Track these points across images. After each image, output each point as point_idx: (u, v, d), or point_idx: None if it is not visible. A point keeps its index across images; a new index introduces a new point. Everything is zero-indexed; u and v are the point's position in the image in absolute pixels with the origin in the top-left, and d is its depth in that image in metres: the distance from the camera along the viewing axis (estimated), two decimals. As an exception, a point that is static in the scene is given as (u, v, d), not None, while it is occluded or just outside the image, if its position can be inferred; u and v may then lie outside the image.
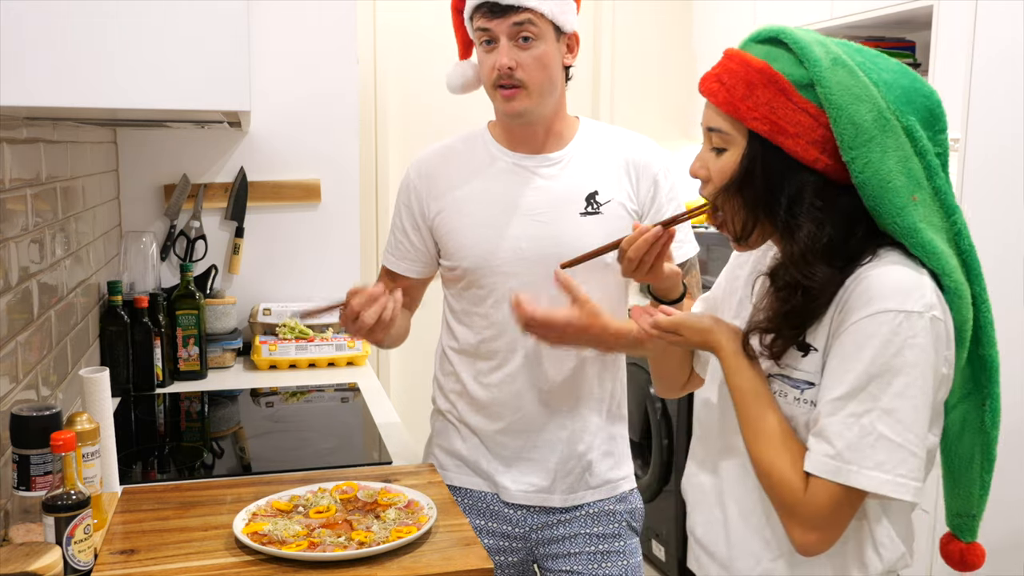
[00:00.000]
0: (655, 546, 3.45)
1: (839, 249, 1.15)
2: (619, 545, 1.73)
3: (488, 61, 1.60)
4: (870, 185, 1.12)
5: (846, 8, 2.96)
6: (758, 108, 1.14)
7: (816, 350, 1.16)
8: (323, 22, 2.69)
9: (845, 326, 1.12)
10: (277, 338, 2.56)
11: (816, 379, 1.16)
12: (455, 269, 1.70)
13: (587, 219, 1.64)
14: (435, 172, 1.72)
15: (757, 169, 1.16)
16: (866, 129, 1.11)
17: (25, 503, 1.29)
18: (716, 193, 1.21)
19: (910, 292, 1.10)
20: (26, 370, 1.57)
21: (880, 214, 1.13)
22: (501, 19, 1.56)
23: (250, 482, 1.61)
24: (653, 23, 3.96)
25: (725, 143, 1.19)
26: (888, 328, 1.08)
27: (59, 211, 1.85)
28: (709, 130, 1.21)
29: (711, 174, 1.21)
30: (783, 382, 1.19)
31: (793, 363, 1.18)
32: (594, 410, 1.72)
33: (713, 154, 1.21)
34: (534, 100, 1.61)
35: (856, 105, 1.11)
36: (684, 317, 1.27)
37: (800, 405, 1.17)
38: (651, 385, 3.37)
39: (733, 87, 1.17)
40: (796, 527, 1.13)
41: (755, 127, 1.15)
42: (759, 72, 1.15)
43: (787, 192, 1.15)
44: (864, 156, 1.11)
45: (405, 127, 3.74)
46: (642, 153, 1.70)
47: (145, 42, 1.16)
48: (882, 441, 1.08)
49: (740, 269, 1.38)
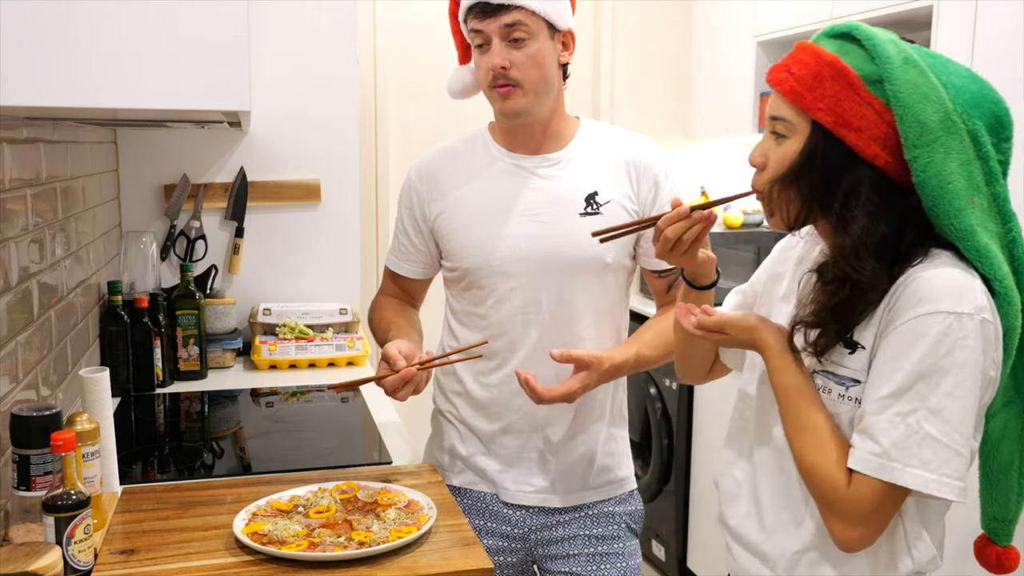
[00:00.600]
0: (655, 546, 3.45)
1: (891, 247, 1.16)
2: (618, 547, 1.73)
3: (483, 63, 1.61)
4: (930, 185, 1.13)
5: (846, 8, 2.96)
6: (824, 99, 1.16)
7: (863, 348, 1.17)
8: (323, 22, 2.69)
9: (895, 325, 1.13)
10: (277, 338, 2.56)
11: (862, 377, 1.17)
12: (455, 270, 1.70)
13: (587, 219, 1.64)
14: (436, 173, 1.72)
15: (817, 159, 1.17)
16: (931, 129, 1.12)
17: (25, 503, 1.29)
18: (772, 181, 1.22)
19: (962, 294, 1.11)
20: (26, 370, 1.57)
21: (937, 215, 1.14)
22: (492, 19, 1.56)
23: (250, 482, 1.61)
24: (653, 23, 3.96)
25: (787, 131, 1.20)
26: (939, 328, 1.09)
27: (59, 211, 1.85)
28: (773, 119, 1.22)
29: (769, 162, 1.22)
30: (827, 378, 1.20)
31: (839, 360, 1.19)
32: (595, 411, 1.72)
33: (774, 143, 1.22)
34: (530, 98, 1.60)
35: (923, 104, 1.12)
36: (729, 316, 1.28)
37: (845, 402, 1.18)
38: (651, 385, 3.38)
39: (802, 77, 1.18)
40: (838, 523, 1.14)
41: (819, 117, 1.16)
42: (829, 64, 1.16)
43: (844, 185, 1.16)
44: (927, 156, 1.12)
45: (405, 127, 3.74)
46: (643, 154, 1.69)
47: (145, 42, 1.16)
48: (928, 440, 1.09)
49: (782, 265, 1.39)
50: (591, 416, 1.72)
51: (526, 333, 1.66)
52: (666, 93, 4.03)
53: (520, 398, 1.67)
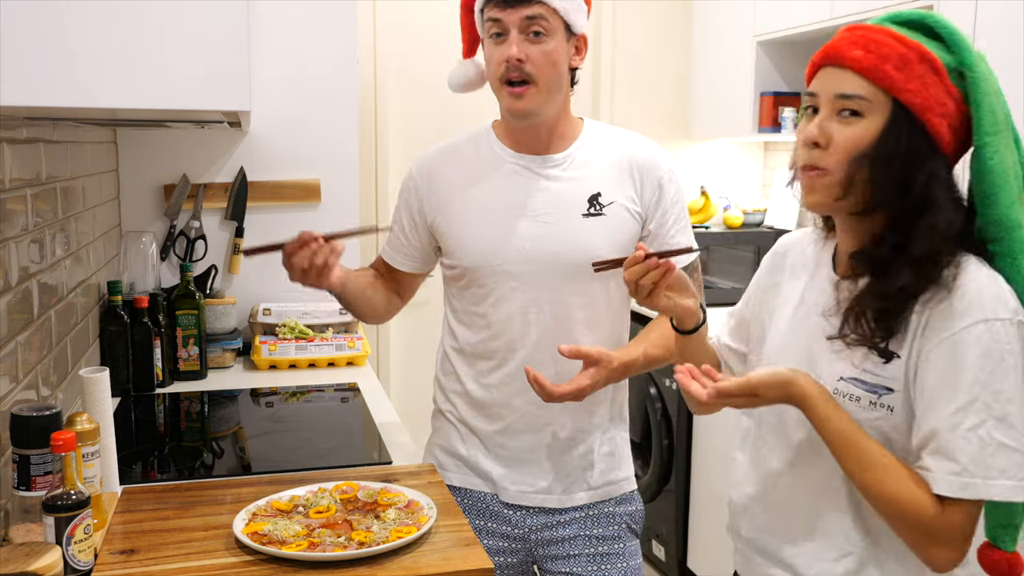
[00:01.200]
0: (655, 546, 3.45)
1: (961, 232, 1.16)
2: (619, 547, 1.73)
3: (497, 54, 1.59)
4: (995, 173, 1.14)
5: (846, 8, 2.96)
6: (912, 81, 1.14)
7: (899, 357, 1.16)
8: (323, 22, 2.69)
9: (940, 338, 1.13)
10: (277, 338, 2.56)
11: (896, 386, 1.16)
12: (455, 268, 1.70)
13: (590, 220, 1.64)
14: (437, 171, 1.72)
15: (901, 143, 1.15)
16: (1000, 121, 1.14)
17: (25, 503, 1.29)
18: (847, 162, 1.17)
19: (998, 299, 1.12)
20: (26, 370, 1.57)
21: (994, 203, 1.15)
22: (513, 10, 1.56)
23: (250, 482, 1.61)
24: (653, 23, 3.96)
25: (862, 109, 1.16)
26: (988, 337, 1.10)
27: (59, 211, 1.85)
28: (842, 96, 1.17)
29: (833, 141, 1.18)
30: (856, 385, 1.19)
31: (871, 368, 1.18)
32: (596, 412, 1.72)
33: (836, 122, 1.18)
34: (542, 97, 1.60)
35: (997, 97, 1.15)
36: (758, 377, 1.21)
37: (874, 409, 1.18)
38: (651, 385, 3.38)
39: (885, 56, 1.15)
40: (935, 548, 1.14)
41: (907, 99, 1.14)
42: (914, 48, 1.15)
43: (926, 169, 1.15)
44: (995, 144, 1.14)
45: (405, 127, 3.74)
46: (646, 155, 1.69)
47: (145, 42, 1.16)
48: (1001, 449, 1.10)
49: (777, 275, 1.38)
50: (592, 416, 1.72)
51: (526, 333, 1.66)
52: (666, 93, 4.03)
53: (520, 398, 1.67)
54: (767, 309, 1.39)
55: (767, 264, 1.43)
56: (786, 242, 1.43)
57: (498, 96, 1.64)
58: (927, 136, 1.15)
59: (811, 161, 1.20)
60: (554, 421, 1.69)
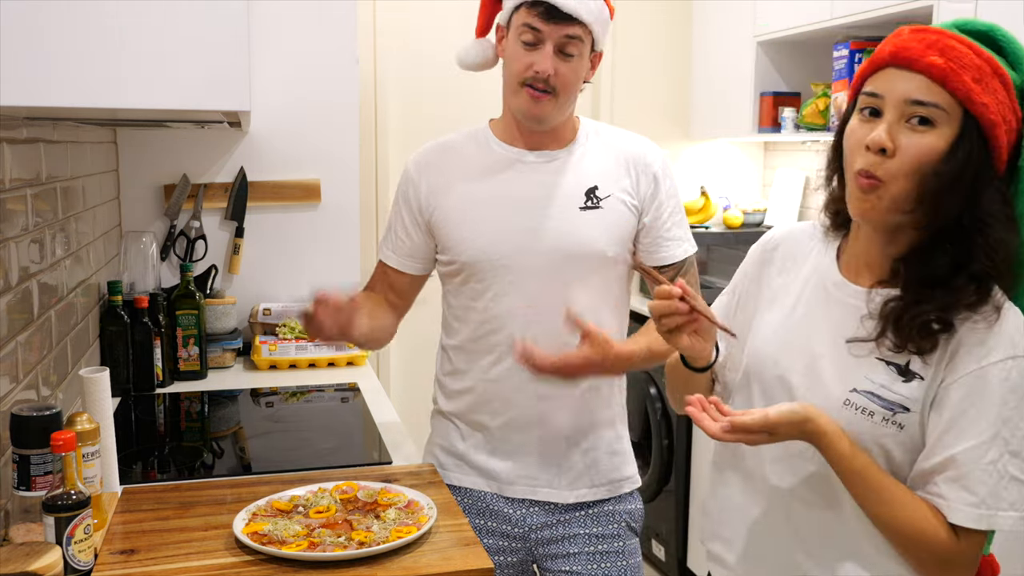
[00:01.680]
0: (655, 546, 3.45)
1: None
2: (618, 545, 1.73)
3: (525, 59, 1.59)
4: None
5: (846, 8, 2.96)
6: (989, 95, 1.10)
7: (921, 378, 1.15)
8: (323, 22, 2.69)
9: (968, 369, 1.12)
10: (277, 338, 2.56)
11: (914, 407, 1.16)
12: (453, 263, 1.70)
13: (587, 213, 1.65)
14: (434, 167, 1.72)
15: (971, 158, 1.10)
16: None
17: (25, 503, 1.29)
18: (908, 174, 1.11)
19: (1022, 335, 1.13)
20: (26, 370, 1.57)
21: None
22: (557, 26, 1.56)
23: (250, 482, 1.61)
24: (653, 23, 3.96)
25: (934, 118, 1.10)
26: (1016, 374, 1.11)
27: (59, 211, 1.85)
28: (916, 103, 1.10)
29: (900, 149, 1.11)
30: (872, 400, 1.18)
31: (887, 384, 1.17)
32: (598, 408, 1.72)
33: (906, 128, 1.12)
34: (559, 108, 1.62)
35: None
36: (777, 414, 1.15)
37: (886, 426, 1.17)
38: (651, 385, 3.38)
39: (965, 66, 1.10)
40: (949, 575, 1.15)
41: (981, 112, 1.09)
42: (987, 61, 1.11)
43: (990, 187, 1.12)
44: None
45: (405, 127, 3.74)
46: (641, 151, 1.70)
47: (145, 42, 1.16)
48: (1013, 482, 1.11)
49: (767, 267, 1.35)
50: (595, 413, 1.72)
51: (525, 328, 1.65)
52: (666, 93, 4.03)
53: (521, 392, 1.67)
54: (753, 301, 1.36)
55: (755, 256, 1.39)
56: (775, 236, 1.39)
57: (513, 95, 1.64)
58: (991, 153, 1.12)
59: (870, 167, 1.13)
60: (556, 415, 1.69)
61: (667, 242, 1.71)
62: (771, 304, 1.33)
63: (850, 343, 1.20)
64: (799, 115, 3.37)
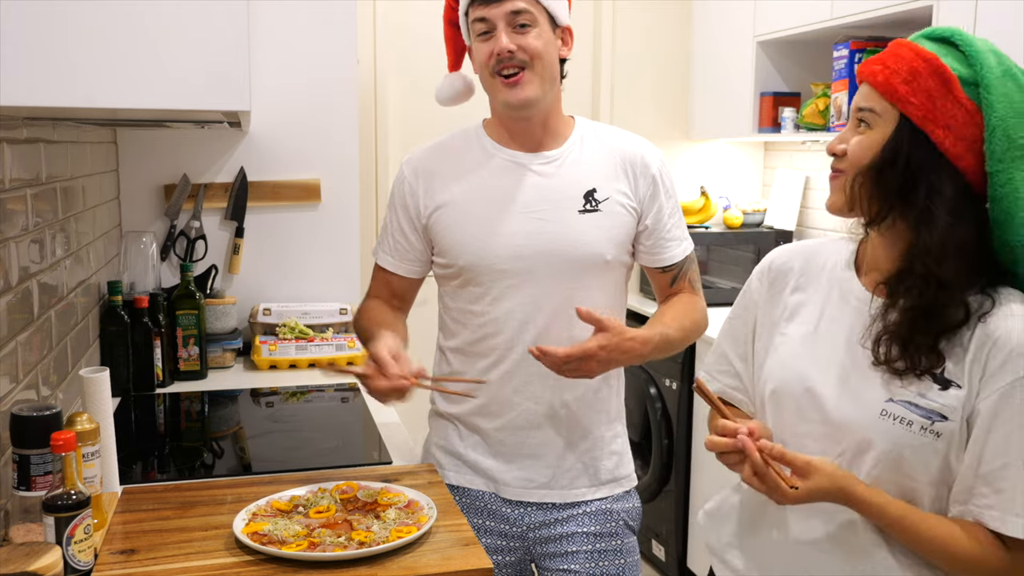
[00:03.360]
0: (655, 546, 3.45)
1: (972, 252, 1.15)
2: (616, 544, 1.73)
3: (486, 49, 1.60)
4: (1006, 201, 1.13)
5: (846, 8, 2.96)
6: (917, 93, 1.16)
7: (959, 387, 1.16)
8: (323, 22, 2.69)
9: (1006, 380, 1.13)
10: (277, 338, 2.56)
11: (952, 415, 1.16)
12: (451, 267, 1.70)
13: (586, 216, 1.64)
14: (430, 169, 1.72)
15: (901, 152, 1.17)
16: (1019, 146, 1.12)
17: (25, 503, 1.29)
18: (854, 172, 1.21)
19: None
20: (26, 370, 1.57)
21: (1006, 231, 1.14)
22: (497, 4, 1.57)
23: (250, 482, 1.61)
24: (653, 23, 3.96)
25: (872, 121, 1.20)
26: None
27: (59, 211, 1.85)
28: (860, 109, 1.22)
29: (849, 149, 1.22)
30: (910, 409, 1.18)
31: (924, 392, 1.17)
32: (597, 407, 1.72)
33: (856, 132, 1.22)
34: (537, 82, 1.60)
35: (1017, 121, 1.12)
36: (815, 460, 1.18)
37: (925, 435, 1.17)
38: (651, 385, 3.38)
39: (896, 70, 1.18)
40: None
41: (908, 110, 1.16)
42: (926, 61, 1.16)
43: (927, 182, 1.16)
44: (1008, 172, 1.12)
45: (405, 127, 3.74)
46: (638, 151, 1.70)
47: (145, 42, 1.16)
48: None
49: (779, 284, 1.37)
50: (594, 414, 1.72)
51: (523, 330, 1.65)
52: (666, 93, 4.03)
53: (520, 395, 1.67)
54: (769, 322, 1.37)
55: (761, 281, 1.40)
56: (780, 257, 1.40)
57: (492, 92, 1.64)
58: (931, 148, 1.15)
59: (833, 166, 1.26)
60: (554, 417, 1.69)
61: (668, 243, 1.71)
62: (791, 320, 1.33)
63: None
64: (799, 115, 3.37)
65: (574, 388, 1.69)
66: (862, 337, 1.23)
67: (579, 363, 1.52)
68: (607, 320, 1.52)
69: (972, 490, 1.15)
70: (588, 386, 1.70)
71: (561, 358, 1.50)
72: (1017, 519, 1.12)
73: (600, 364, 1.54)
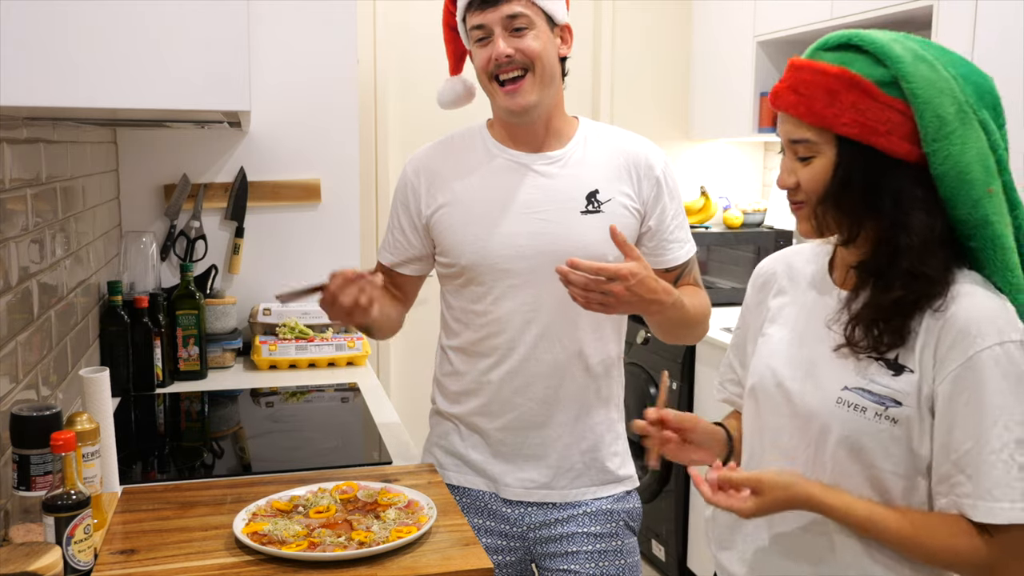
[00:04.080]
0: (655, 546, 3.45)
1: (950, 237, 1.17)
2: (617, 544, 1.73)
3: (484, 54, 1.60)
4: (949, 177, 1.13)
5: (846, 8, 2.96)
6: (844, 113, 1.15)
7: (911, 371, 1.16)
8: (323, 22, 2.69)
9: (957, 363, 1.13)
10: (277, 338, 2.56)
11: (906, 400, 1.16)
12: (453, 266, 1.70)
13: (588, 217, 1.64)
14: (433, 169, 1.72)
15: (855, 173, 1.16)
16: (949, 122, 1.13)
17: (25, 503, 1.29)
18: (814, 204, 1.21)
19: (1008, 321, 1.13)
20: (26, 370, 1.57)
21: (955, 205, 1.15)
22: (493, 10, 1.57)
23: (250, 482, 1.61)
24: (653, 23, 3.96)
25: (812, 152, 1.19)
26: (1005, 360, 1.11)
27: (59, 211, 1.85)
28: (793, 142, 1.21)
29: (801, 181, 1.21)
30: (863, 395, 1.18)
31: (877, 378, 1.18)
32: (597, 407, 1.72)
33: (800, 163, 1.21)
34: (538, 87, 1.60)
35: (940, 98, 1.13)
36: (763, 474, 1.20)
37: (880, 421, 1.17)
38: (651, 385, 3.38)
39: (812, 96, 1.17)
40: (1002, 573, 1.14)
41: (844, 132, 1.15)
42: (837, 77, 1.16)
43: (890, 188, 1.16)
44: (945, 149, 1.13)
45: (405, 127, 3.74)
46: (642, 152, 1.70)
47: (145, 42, 1.16)
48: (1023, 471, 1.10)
49: (761, 293, 1.39)
50: (593, 413, 1.72)
51: (525, 330, 1.65)
52: (666, 93, 4.03)
53: (521, 395, 1.67)
54: (756, 327, 1.39)
55: (752, 288, 1.43)
56: (767, 263, 1.43)
57: (492, 97, 1.64)
58: (880, 157, 1.15)
59: (790, 198, 1.25)
60: (555, 417, 1.69)
61: (671, 244, 1.71)
62: (773, 322, 1.34)
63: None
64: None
65: (575, 388, 1.69)
66: (828, 320, 1.24)
67: (606, 287, 1.44)
68: (638, 251, 1.48)
69: (950, 479, 1.15)
70: (588, 386, 1.70)
71: (593, 269, 1.43)
72: (978, 502, 1.11)
73: (625, 294, 1.45)
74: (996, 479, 1.10)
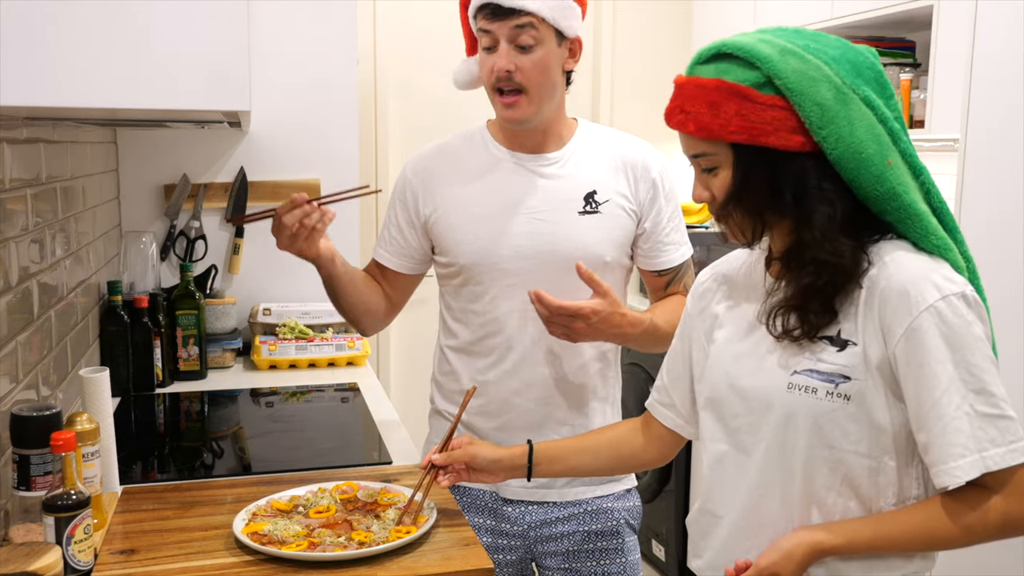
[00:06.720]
0: (655, 546, 3.45)
1: (855, 220, 1.18)
2: (617, 543, 1.73)
3: (487, 63, 1.61)
4: (845, 159, 1.15)
5: (846, 8, 2.96)
6: (730, 122, 1.18)
7: (855, 344, 1.16)
8: (323, 22, 2.69)
9: (902, 330, 1.13)
10: (277, 338, 2.56)
11: (855, 373, 1.16)
12: (451, 266, 1.70)
13: (586, 218, 1.65)
14: (432, 169, 1.72)
15: (753, 175, 1.19)
16: (829, 107, 1.15)
17: (25, 503, 1.29)
18: (725, 209, 1.23)
19: (943, 275, 1.14)
20: (26, 370, 1.57)
21: (859, 185, 1.16)
22: (502, 21, 1.56)
23: (250, 482, 1.61)
24: (653, 23, 3.96)
25: (714, 163, 1.22)
26: (950, 312, 1.12)
27: (59, 211, 1.85)
28: (694, 157, 1.24)
29: (714, 193, 1.24)
30: (812, 376, 1.18)
31: (825, 356, 1.18)
32: (595, 408, 1.72)
33: (707, 176, 1.24)
34: (534, 106, 1.61)
35: (815, 87, 1.15)
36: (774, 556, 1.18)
37: (832, 400, 1.17)
38: (650, 384, 3.37)
39: (698, 112, 1.21)
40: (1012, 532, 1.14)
41: (733, 139, 1.18)
42: (716, 89, 1.19)
43: (789, 184, 1.18)
44: (834, 133, 1.15)
45: (405, 127, 3.74)
46: (640, 155, 1.70)
47: (145, 42, 1.16)
48: (986, 419, 1.11)
49: (702, 301, 1.40)
50: (592, 413, 1.72)
51: (523, 331, 1.66)
52: (666, 93, 3.99)
53: (519, 396, 1.68)
54: (702, 335, 1.38)
55: (692, 297, 1.44)
56: (705, 273, 1.45)
57: (493, 103, 1.65)
58: (776, 154, 1.17)
59: (710, 210, 1.28)
60: (553, 417, 1.69)
61: (666, 247, 1.72)
62: (720, 327, 1.34)
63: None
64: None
65: (574, 388, 1.69)
66: (758, 313, 1.25)
67: (568, 320, 1.52)
68: (606, 287, 1.54)
69: (927, 450, 1.15)
70: (586, 386, 1.70)
71: (554, 307, 1.51)
72: (960, 463, 1.10)
73: (587, 329, 1.54)
74: (968, 433, 1.10)
